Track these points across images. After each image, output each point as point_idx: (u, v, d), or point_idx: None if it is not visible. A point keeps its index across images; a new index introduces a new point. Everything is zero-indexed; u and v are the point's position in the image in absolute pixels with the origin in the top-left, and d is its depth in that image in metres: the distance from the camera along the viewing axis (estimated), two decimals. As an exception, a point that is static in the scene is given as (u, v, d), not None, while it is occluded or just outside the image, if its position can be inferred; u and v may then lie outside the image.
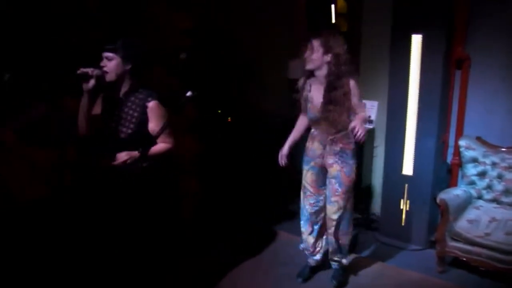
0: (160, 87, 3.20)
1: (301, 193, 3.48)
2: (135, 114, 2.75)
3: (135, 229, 2.85)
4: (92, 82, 2.66)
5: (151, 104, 2.75)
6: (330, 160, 3.26)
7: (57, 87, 3.23)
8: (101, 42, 2.73)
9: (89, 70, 2.64)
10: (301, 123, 3.48)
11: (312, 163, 3.35)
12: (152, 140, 2.77)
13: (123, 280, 2.98)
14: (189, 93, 2.52)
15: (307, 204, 3.45)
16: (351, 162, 3.27)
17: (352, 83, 3.12)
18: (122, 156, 2.65)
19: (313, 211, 3.44)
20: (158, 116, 2.77)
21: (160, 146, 2.80)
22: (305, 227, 3.52)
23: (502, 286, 3.38)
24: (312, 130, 3.35)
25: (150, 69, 3.80)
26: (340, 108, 3.11)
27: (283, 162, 3.42)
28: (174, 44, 4.50)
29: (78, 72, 2.63)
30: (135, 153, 2.68)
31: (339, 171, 3.25)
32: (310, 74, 3.24)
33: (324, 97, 3.14)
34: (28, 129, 3.28)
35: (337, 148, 3.23)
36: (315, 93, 3.22)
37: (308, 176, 3.40)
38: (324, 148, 3.26)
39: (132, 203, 2.81)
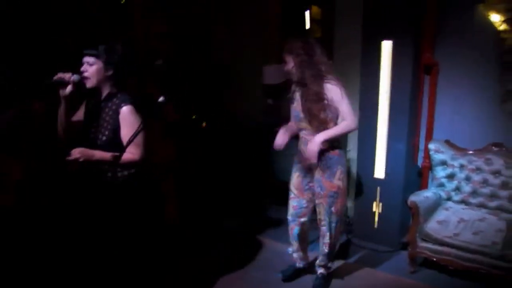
0: (135, 92, 3.19)
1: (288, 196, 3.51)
2: (110, 121, 2.72)
3: (112, 239, 2.81)
4: (69, 88, 2.62)
5: (124, 110, 2.70)
6: (313, 163, 3.27)
7: (26, 91, 3.19)
8: (80, 46, 2.71)
9: (66, 76, 2.60)
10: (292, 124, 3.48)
11: (299, 166, 3.40)
12: (123, 149, 2.66)
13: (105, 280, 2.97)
14: (161, 99, 2.53)
15: (291, 207, 3.48)
16: (334, 168, 3.25)
17: (331, 83, 3.12)
18: (75, 152, 2.55)
19: (296, 213, 3.45)
20: (129, 123, 2.69)
21: (125, 157, 2.66)
22: (290, 231, 3.54)
23: (470, 284, 3.48)
24: (300, 133, 3.36)
25: (132, 74, 3.80)
26: (319, 107, 3.13)
27: (279, 146, 3.30)
28: (149, 48, 4.51)
29: (55, 78, 2.59)
30: (91, 152, 2.60)
31: (321, 176, 3.28)
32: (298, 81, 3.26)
33: (302, 95, 3.20)
34: None
35: (319, 151, 3.20)
36: (298, 95, 3.28)
37: (294, 179, 3.44)
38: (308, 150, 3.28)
39: (106, 210, 2.77)
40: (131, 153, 2.67)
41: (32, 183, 3.34)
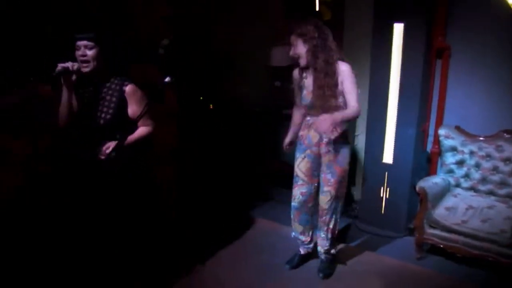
0: (139, 74, 3.16)
1: (293, 181, 3.45)
2: (113, 99, 2.73)
3: (113, 220, 2.83)
4: (74, 77, 2.64)
5: (129, 88, 2.74)
6: (324, 149, 3.26)
7: (32, 74, 3.17)
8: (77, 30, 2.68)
9: (69, 65, 2.59)
10: (297, 116, 3.46)
11: (308, 151, 3.33)
12: (132, 125, 2.75)
13: (102, 270, 2.97)
14: (167, 79, 2.49)
15: (298, 193, 3.43)
16: (344, 152, 3.27)
17: (343, 67, 3.09)
18: (107, 147, 2.62)
19: (303, 199, 3.42)
20: (136, 100, 2.75)
21: (142, 130, 2.80)
22: (294, 216, 3.51)
23: (477, 272, 3.45)
24: (308, 118, 3.31)
25: (130, 57, 3.76)
26: (332, 93, 3.09)
27: (287, 150, 3.54)
28: (154, 31, 4.45)
29: (58, 69, 2.57)
30: (113, 143, 2.64)
31: (332, 161, 3.25)
32: (304, 66, 3.21)
33: (315, 81, 3.12)
34: (2, 117, 3.22)
35: (332, 137, 3.20)
36: (309, 80, 3.20)
37: (302, 165, 3.37)
38: (321, 136, 3.24)
39: (109, 192, 2.80)
40: (146, 125, 2.81)
41: (39, 163, 3.33)
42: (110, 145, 2.63)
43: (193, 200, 4.72)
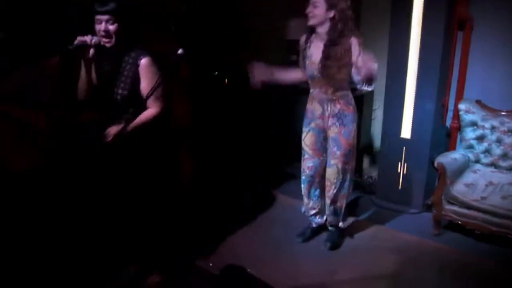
0: (155, 46, 3.10)
1: (301, 156, 3.44)
2: (130, 74, 2.67)
3: (128, 194, 2.82)
4: (92, 51, 2.55)
5: (143, 62, 2.65)
6: (329, 121, 3.22)
7: (42, 47, 3.12)
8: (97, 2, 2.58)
9: (88, 39, 2.51)
10: (296, 71, 3.34)
11: (312, 124, 3.30)
12: (142, 103, 2.66)
13: (119, 247, 3.00)
14: (180, 51, 2.43)
15: (305, 167, 3.42)
16: (350, 125, 3.21)
17: (355, 41, 3.00)
18: (109, 135, 2.59)
19: (311, 173, 3.41)
20: (148, 75, 2.65)
21: (146, 113, 2.69)
22: (304, 190, 3.51)
23: (496, 249, 3.40)
24: (311, 90, 3.27)
25: (146, 28, 3.70)
26: (339, 65, 3.03)
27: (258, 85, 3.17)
28: (173, 3, 4.38)
29: (76, 42, 2.50)
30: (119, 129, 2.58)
31: (337, 133, 3.21)
32: (312, 31, 3.12)
33: (323, 52, 3.04)
34: (16, 92, 3.20)
35: (336, 109, 3.17)
36: (314, 50, 3.13)
37: (307, 138, 3.35)
38: (323, 108, 3.21)
39: (126, 169, 2.77)
40: (151, 107, 2.70)
41: (56, 135, 3.33)
42: (111, 130, 2.59)
43: (210, 176, 4.72)
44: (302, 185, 3.50)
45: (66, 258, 3.05)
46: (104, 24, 2.55)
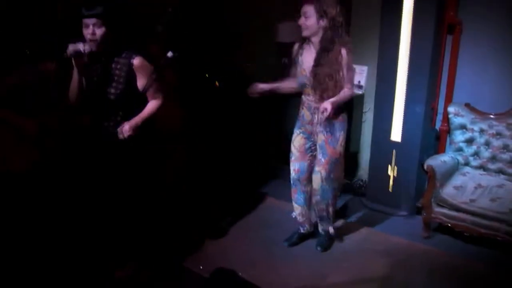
0: (143, 48, 3.11)
1: (289, 157, 3.45)
2: (122, 74, 2.70)
3: (122, 196, 2.84)
4: (85, 58, 2.57)
5: (137, 61, 2.69)
6: (317, 128, 3.24)
7: (39, 51, 3.12)
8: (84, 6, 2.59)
9: (81, 48, 2.53)
10: (290, 81, 3.34)
11: (302, 128, 3.32)
12: (142, 98, 2.74)
13: (110, 246, 2.99)
14: (170, 54, 2.43)
15: (292, 170, 3.43)
16: (338, 134, 3.22)
17: (344, 51, 3.02)
18: (126, 131, 2.62)
19: (297, 177, 3.41)
20: (145, 72, 2.71)
21: (151, 104, 2.79)
22: (292, 195, 3.52)
23: (485, 251, 3.43)
24: (302, 96, 3.28)
25: (136, 32, 3.69)
26: (329, 72, 3.03)
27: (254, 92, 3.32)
28: (160, 5, 4.37)
29: (70, 51, 2.50)
30: (134, 122, 2.66)
31: (324, 141, 3.22)
32: (304, 39, 3.15)
33: (315, 59, 3.06)
34: (11, 94, 3.19)
35: (323, 118, 3.10)
36: (306, 57, 3.15)
37: (297, 140, 3.36)
38: (312, 115, 3.22)
39: (118, 170, 2.79)
40: (155, 99, 2.80)
41: (48, 139, 3.32)
42: (126, 126, 2.62)
43: (202, 177, 4.71)
44: (291, 188, 3.51)
45: (60, 259, 3.07)
46: (91, 28, 2.57)
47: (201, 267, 3.21)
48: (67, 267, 3.04)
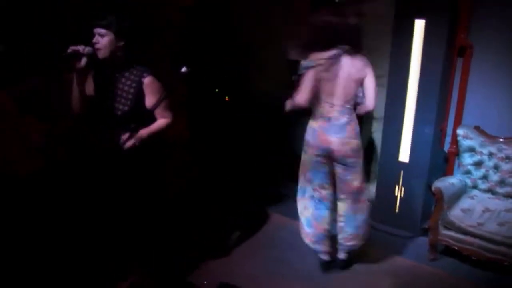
0: (156, 63, 3.14)
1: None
2: (131, 91, 2.70)
3: (126, 206, 2.84)
4: (84, 60, 2.59)
5: (147, 80, 2.71)
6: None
7: (56, 59, 3.16)
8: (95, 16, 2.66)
9: (80, 48, 2.57)
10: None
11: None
12: (150, 116, 2.75)
13: (111, 255, 2.99)
14: (184, 69, 2.46)
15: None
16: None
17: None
18: (130, 141, 2.67)
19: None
20: (154, 91, 2.73)
21: (160, 122, 2.80)
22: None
23: (492, 276, 3.39)
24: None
25: (147, 45, 3.73)
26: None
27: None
28: (173, 20, 4.41)
29: (69, 50, 2.56)
30: (139, 134, 2.70)
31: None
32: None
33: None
34: (26, 100, 3.22)
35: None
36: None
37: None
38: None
39: (123, 180, 2.80)
40: (164, 117, 2.80)
41: (54, 149, 3.34)
42: (130, 136, 2.67)
43: (208, 192, 4.71)
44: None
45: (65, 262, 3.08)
46: (96, 37, 2.62)
47: (205, 282, 3.20)
48: (71, 275, 3.04)
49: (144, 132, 2.74)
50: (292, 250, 3.68)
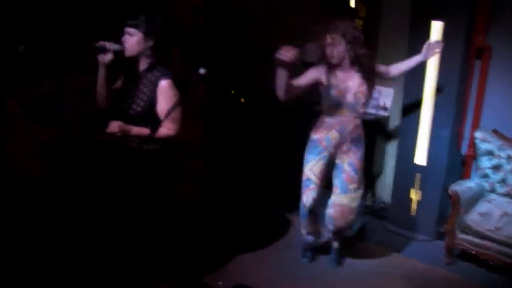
0: (174, 65, 3.15)
1: (303, 186, 3.39)
2: (147, 92, 2.72)
3: (139, 210, 2.84)
4: (109, 55, 2.64)
5: (163, 84, 2.70)
6: (345, 147, 3.26)
7: (67, 63, 3.20)
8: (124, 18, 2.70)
9: (107, 44, 2.62)
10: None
11: (325, 153, 3.28)
12: (158, 122, 2.67)
13: (120, 260, 2.99)
14: (202, 70, 2.46)
15: (310, 199, 3.34)
16: (363, 147, 3.33)
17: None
18: (114, 126, 2.58)
19: (314, 205, 3.37)
20: (167, 97, 2.69)
21: (162, 131, 2.69)
22: (305, 221, 3.47)
23: (510, 281, 3.34)
24: (327, 119, 3.27)
25: (170, 47, 3.75)
26: (363, 94, 3.20)
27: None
28: (186, 22, 4.44)
29: (96, 44, 2.61)
30: (128, 127, 2.62)
31: (353, 158, 3.28)
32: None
33: (357, 83, 3.18)
34: (35, 104, 3.27)
35: (354, 135, 3.25)
36: (340, 79, 3.18)
37: (317, 167, 3.31)
38: (341, 135, 3.23)
39: (133, 182, 2.80)
40: (167, 128, 2.71)
41: (61, 153, 3.38)
42: (115, 125, 2.60)
43: (224, 194, 4.72)
44: (303, 218, 3.46)
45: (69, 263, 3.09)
46: (125, 36, 2.67)
47: (220, 283, 3.21)
48: (79, 277, 3.06)
49: (133, 129, 2.65)
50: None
